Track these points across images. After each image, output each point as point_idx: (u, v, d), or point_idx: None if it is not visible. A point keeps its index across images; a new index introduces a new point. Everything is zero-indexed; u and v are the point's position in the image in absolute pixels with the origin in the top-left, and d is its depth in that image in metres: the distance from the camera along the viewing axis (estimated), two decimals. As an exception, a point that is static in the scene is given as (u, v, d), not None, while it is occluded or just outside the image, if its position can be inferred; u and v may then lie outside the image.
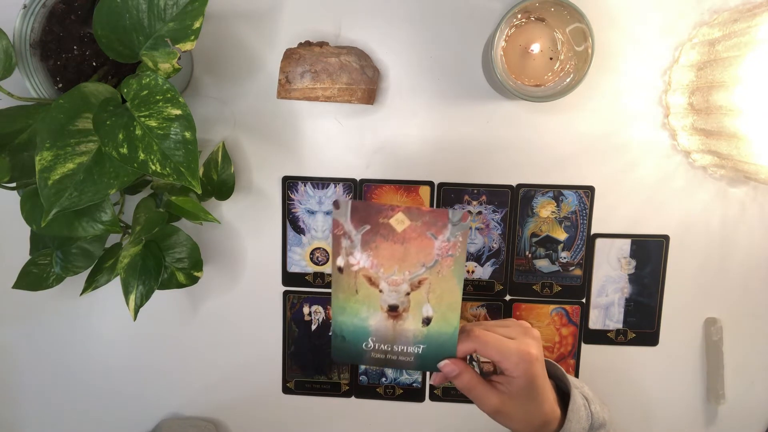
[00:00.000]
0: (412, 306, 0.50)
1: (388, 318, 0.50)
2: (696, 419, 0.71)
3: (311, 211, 0.69)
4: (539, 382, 0.50)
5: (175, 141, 0.48)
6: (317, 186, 0.68)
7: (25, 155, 0.53)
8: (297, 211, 0.69)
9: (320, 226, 0.69)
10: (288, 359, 0.72)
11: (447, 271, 0.48)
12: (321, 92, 0.59)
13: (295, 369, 0.72)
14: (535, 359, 0.50)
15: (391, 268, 0.49)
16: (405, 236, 0.48)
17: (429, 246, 0.48)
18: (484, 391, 0.50)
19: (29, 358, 0.74)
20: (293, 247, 0.70)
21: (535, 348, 0.50)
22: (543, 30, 0.59)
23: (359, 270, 0.49)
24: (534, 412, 0.51)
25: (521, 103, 0.66)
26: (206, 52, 0.66)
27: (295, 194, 0.69)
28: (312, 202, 0.69)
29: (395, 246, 0.48)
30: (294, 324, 0.71)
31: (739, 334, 0.69)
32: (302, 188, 0.68)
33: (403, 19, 0.65)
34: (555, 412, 0.52)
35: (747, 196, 0.67)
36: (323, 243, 0.70)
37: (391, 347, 0.51)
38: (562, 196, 0.68)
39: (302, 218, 0.69)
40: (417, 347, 0.51)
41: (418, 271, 0.49)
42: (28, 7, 0.55)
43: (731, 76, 0.53)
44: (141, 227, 0.58)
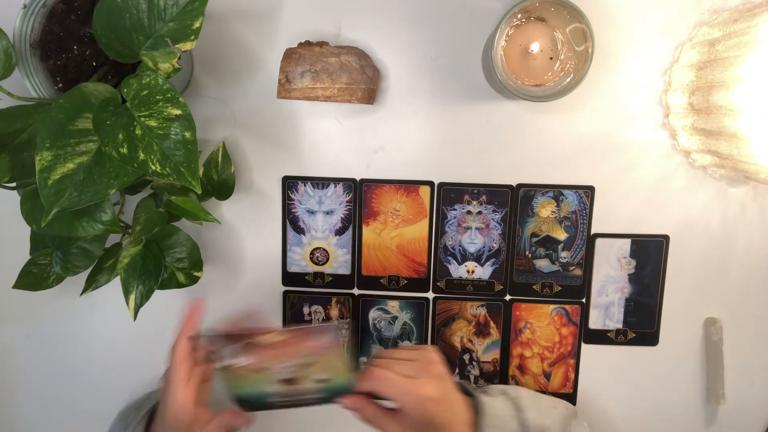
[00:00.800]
0: (305, 375, 0.54)
1: (285, 384, 0.54)
2: (696, 419, 0.71)
3: (311, 211, 0.69)
4: (437, 419, 0.52)
5: (175, 141, 0.48)
6: (317, 186, 0.68)
7: (25, 155, 0.53)
8: (297, 211, 0.69)
9: (320, 226, 0.69)
10: None
11: (333, 353, 0.53)
12: (321, 92, 0.59)
13: None
14: (428, 400, 0.52)
15: (278, 360, 0.52)
16: (286, 342, 0.52)
17: (313, 345, 0.52)
18: (386, 421, 0.53)
19: (29, 358, 0.74)
20: (293, 247, 0.70)
21: (429, 388, 0.52)
22: (543, 30, 0.59)
23: (246, 366, 0.52)
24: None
25: (521, 103, 0.66)
26: (206, 52, 0.66)
27: (295, 194, 0.68)
28: (312, 202, 0.68)
29: (277, 350, 0.52)
30: (294, 324, 0.71)
31: (739, 334, 0.69)
32: (302, 188, 0.68)
33: (403, 19, 0.65)
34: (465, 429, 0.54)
35: (747, 196, 0.67)
36: (323, 243, 0.69)
37: (293, 397, 0.56)
38: (562, 196, 0.68)
39: (302, 218, 0.69)
40: (318, 394, 0.56)
41: (306, 359, 0.53)
42: (28, 7, 0.55)
43: (731, 76, 0.53)
44: (141, 227, 0.58)
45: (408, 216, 0.69)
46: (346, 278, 0.70)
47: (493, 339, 0.71)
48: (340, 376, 0.54)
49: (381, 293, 0.71)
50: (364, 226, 0.69)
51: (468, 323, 0.70)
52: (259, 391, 0.54)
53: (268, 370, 0.53)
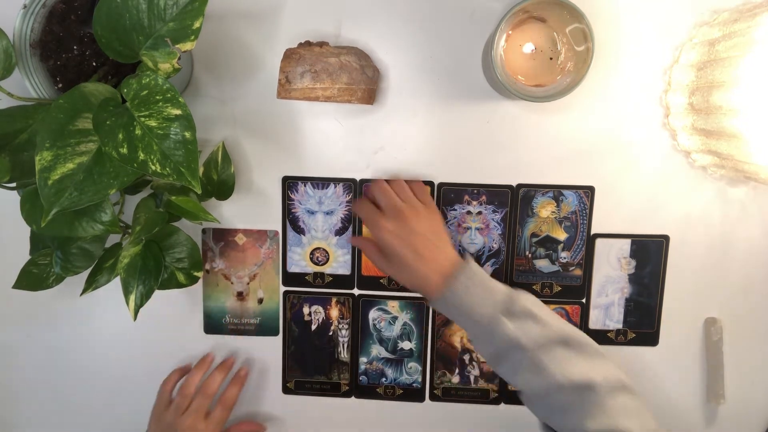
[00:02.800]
0: (250, 291, 0.71)
1: (237, 300, 0.72)
2: (696, 419, 0.71)
3: (311, 211, 0.69)
4: (391, 251, 0.60)
5: (175, 141, 0.47)
6: (317, 186, 0.68)
7: (25, 155, 0.53)
8: (297, 211, 0.69)
9: (320, 226, 0.69)
10: (288, 359, 0.72)
11: (270, 267, 0.71)
12: (321, 92, 0.59)
13: (295, 369, 0.72)
14: (382, 230, 0.61)
15: (237, 267, 0.71)
16: (244, 247, 0.71)
17: (258, 253, 0.71)
18: (368, 247, 0.64)
19: (29, 358, 0.74)
20: (293, 247, 0.70)
21: (388, 222, 0.61)
22: (543, 30, 0.59)
23: (218, 270, 0.71)
24: (399, 272, 0.61)
25: (521, 103, 0.66)
26: (206, 52, 0.66)
27: (295, 194, 0.68)
28: (312, 202, 0.68)
29: (239, 254, 0.71)
30: (294, 324, 0.71)
31: (739, 334, 0.69)
32: (302, 188, 0.68)
33: (403, 19, 0.65)
34: (433, 280, 0.59)
35: (747, 196, 0.67)
36: (323, 243, 0.70)
37: (240, 320, 0.72)
38: (562, 196, 0.68)
39: (302, 218, 0.69)
40: (255, 319, 0.72)
41: (252, 269, 0.71)
42: (28, 7, 0.55)
43: (731, 76, 0.53)
44: (141, 227, 0.58)
45: (408, 216, 0.69)
46: (346, 278, 0.70)
47: (493, 339, 0.71)
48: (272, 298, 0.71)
49: (381, 293, 0.71)
50: (364, 226, 0.69)
51: (468, 323, 0.70)
52: (220, 305, 0.72)
53: (230, 277, 0.71)
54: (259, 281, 0.71)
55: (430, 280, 0.59)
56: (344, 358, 0.72)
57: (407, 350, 0.71)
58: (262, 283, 0.71)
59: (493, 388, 0.71)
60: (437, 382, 0.72)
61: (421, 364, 0.71)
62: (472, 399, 0.72)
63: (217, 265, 0.71)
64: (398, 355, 0.71)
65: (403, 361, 0.72)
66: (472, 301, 0.57)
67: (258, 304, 0.72)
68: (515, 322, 0.56)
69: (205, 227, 0.71)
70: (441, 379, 0.72)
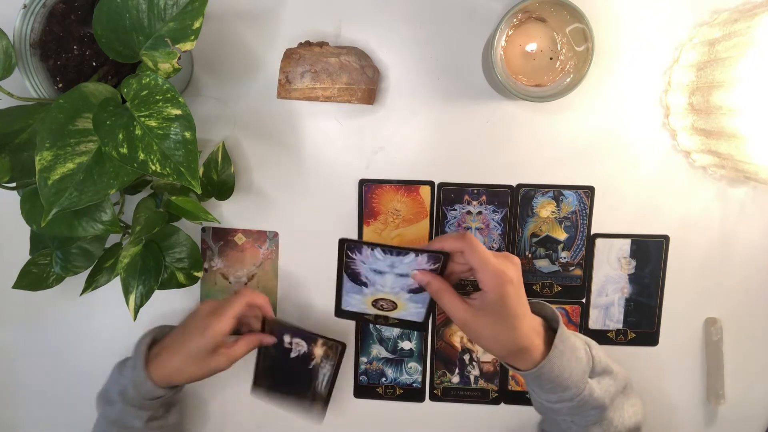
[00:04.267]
0: None
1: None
2: (696, 419, 0.71)
3: (379, 272, 0.56)
4: (509, 304, 0.51)
5: (175, 141, 0.47)
6: (390, 252, 0.54)
7: (25, 155, 0.53)
8: (359, 269, 0.56)
9: (389, 284, 0.57)
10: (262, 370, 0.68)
11: (269, 267, 0.70)
12: (321, 92, 0.59)
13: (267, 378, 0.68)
14: (509, 280, 0.51)
15: (235, 267, 0.71)
16: (243, 247, 0.70)
17: (257, 253, 0.70)
18: (454, 301, 0.53)
19: (29, 358, 0.74)
20: (350, 294, 0.59)
21: (511, 271, 0.52)
22: (543, 30, 0.59)
23: (217, 269, 0.71)
24: (503, 333, 0.52)
25: (521, 103, 0.66)
26: (206, 52, 0.66)
27: (357, 255, 0.55)
28: (381, 265, 0.55)
29: (238, 253, 0.70)
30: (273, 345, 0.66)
31: (739, 334, 0.69)
32: (367, 251, 0.54)
33: (403, 19, 0.65)
34: (533, 342, 0.53)
35: (747, 196, 0.67)
36: (390, 295, 0.58)
37: None
38: (562, 196, 0.68)
39: (365, 275, 0.57)
40: None
41: (251, 269, 0.71)
42: (28, 7, 0.55)
43: (731, 77, 0.53)
44: (141, 227, 0.58)
45: (408, 216, 0.69)
46: (415, 324, 0.63)
47: (493, 339, 0.71)
48: None
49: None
50: (364, 226, 0.69)
51: (468, 323, 0.70)
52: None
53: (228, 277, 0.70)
54: (257, 281, 0.71)
55: (533, 342, 0.52)
56: (320, 390, 0.67)
57: (407, 350, 0.71)
58: (260, 283, 0.71)
59: (493, 388, 0.71)
60: (437, 382, 0.72)
61: (421, 364, 0.71)
62: (472, 399, 0.72)
63: (216, 264, 0.71)
64: (398, 355, 0.71)
65: (403, 361, 0.72)
66: (571, 367, 0.53)
67: None
68: (599, 382, 0.56)
69: (204, 226, 0.71)
70: (441, 379, 0.72)
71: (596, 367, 0.56)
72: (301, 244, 0.70)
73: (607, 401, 0.54)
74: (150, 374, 0.60)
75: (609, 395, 0.55)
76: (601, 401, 0.54)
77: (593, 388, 0.54)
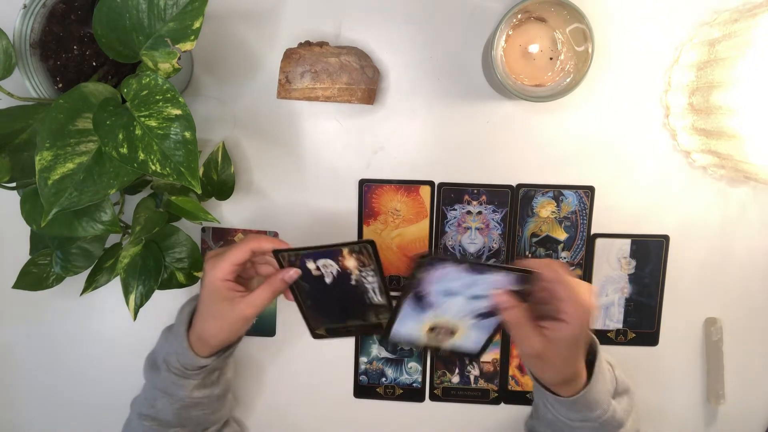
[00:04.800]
0: None
1: None
2: (696, 419, 0.71)
3: (451, 293, 0.52)
4: (586, 334, 0.51)
5: (175, 141, 0.47)
6: (475, 270, 0.50)
7: (25, 155, 0.53)
8: (429, 288, 0.52)
9: (456, 309, 0.53)
10: (310, 312, 0.61)
11: None
12: (321, 92, 0.59)
13: (321, 318, 0.61)
14: (592, 309, 0.50)
15: None
16: None
17: None
18: (531, 331, 0.50)
19: (29, 358, 0.74)
20: (407, 320, 0.55)
21: (595, 302, 0.51)
22: (543, 30, 0.59)
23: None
24: (571, 362, 0.51)
25: (521, 103, 0.66)
26: (206, 52, 0.66)
27: (434, 271, 0.50)
28: (457, 285, 0.51)
29: None
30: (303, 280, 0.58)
31: (739, 334, 0.69)
32: (447, 268, 0.49)
33: (403, 19, 0.65)
34: (584, 370, 0.53)
35: (747, 196, 0.67)
36: (452, 321, 0.54)
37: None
38: (562, 196, 0.68)
39: (434, 296, 0.52)
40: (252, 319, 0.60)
41: None
42: (28, 7, 0.55)
43: (731, 77, 0.53)
44: (141, 227, 0.58)
45: (408, 216, 0.69)
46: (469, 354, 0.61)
47: (493, 339, 0.71)
48: None
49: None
50: (364, 226, 0.69)
51: (468, 323, 0.70)
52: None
53: None
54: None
55: (582, 372, 0.52)
56: (378, 301, 0.58)
57: (407, 350, 0.71)
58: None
59: (493, 388, 0.71)
60: (437, 382, 0.72)
61: (421, 363, 0.71)
62: (472, 399, 0.72)
63: None
64: (398, 355, 0.71)
65: (403, 361, 0.72)
66: (604, 391, 0.54)
67: None
68: (620, 402, 0.57)
69: (204, 226, 0.71)
70: (441, 379, 0.72)
71: (618, 388, 0.57)
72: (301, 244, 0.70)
73: (624, 420, 0.56)
74: (191, 344, 0.57)
75: (627, 414, 0.56)
76: (620, 421, 0.55)
77: (616, 408, 0.55)
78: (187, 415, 0.61)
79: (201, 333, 0.57)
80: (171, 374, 0.59)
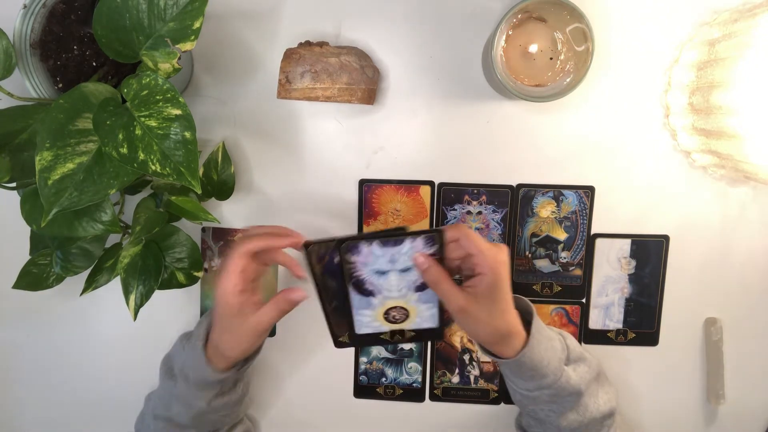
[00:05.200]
0: None
1: None
2: (696, 419, 0.71)
3: (381, 272, 0.55)
4: (503, 286, 0.53)
5: (175, 141, 0.48)
6: (387, 244, 0.53)
7: (25, 155, 0.53)
8: (361, 274, 0.55)
9: (395, 286, 0.56)
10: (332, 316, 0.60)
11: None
12: (321, 92, 0.59)
13: (344, 323, 0.60)
14: (503, 262, 0.53)
15: None
16: None
17: None
18: (451, 287, 0.53)
19: (29, 357, 0.74)
20: (361, 311, 0.58)
21: (504, 254, 0.54)
22: (543, 30, 0.59)
23: (217, 269, 0.70)
24: (497, 316, 0.53)
25: (521, 103, 0.66)
26: (206, 52, 0.66)
27: (357, 256, 0.54)
28: (382, 262, 0.54)
29: None
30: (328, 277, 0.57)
31: (739, 334, 0.69)
32: (366, 248, 0.53)
33: (403, 19, 0.65)
34: (518, 327, 0.55)
35: (747, 196, 0.67)
36: (401, 301, 0.57)
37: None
38: (562, 196, 0.68)
39: (369, 280, 0.56)
40: None
41: None
42: (28, 7, 0.55)
43: (731, 76, 0.53)
44: (141, 227, 0.58)
45: (408, 216, 0.69)
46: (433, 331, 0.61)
47: (493, 339, 0.71)
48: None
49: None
50: (365, 226, 0.69)
51: (468, 323, 0.70)
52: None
53: None
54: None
55: (518, 328, 0.55)
56: None
57: (407, 350, 0.71)
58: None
59: (493, 388, 0.71)
60: (437, 382, 0.72)
61: (421, 364, 0.71)
62: (472, 399, 0.72)
63: (216, 264, 0.71)
64: (398, 355, 0.71)
65: (403, 361, 0.72)
66: (549, 355, 0.56)
67: None
68: (575, 369, 0.58)
69: (204, 226, 0.71)
70: (441, 379, 0.72)
71: (571, 355, 0.59)
72: (301, 244, 0.70)
73: (583, 387, 0.57)
74: (209, 356, 0.57)
75: (585, 381, 0.58)
76: (577, 387, 0.57)
77: (569, 375, 0.57)
78: (203, 420, 0.61)
79: (218, 345, 0.56)
80: (188, 387, 0.58)
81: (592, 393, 0.58)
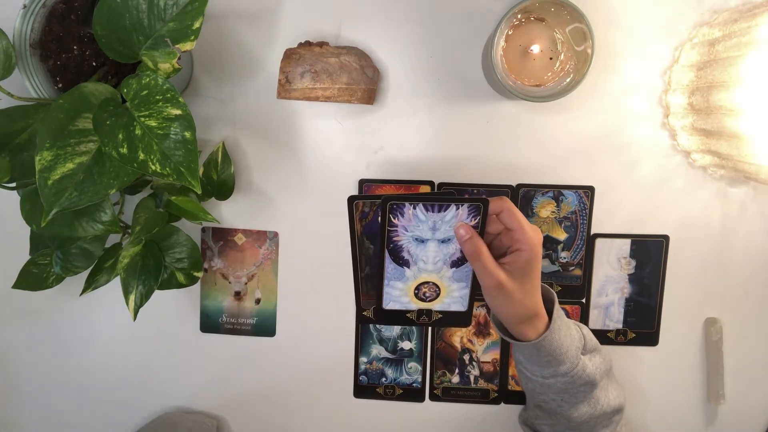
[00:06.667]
0: (248, 291, 0.70)
1: (234, 300, 0.71)
2: (696, 419, 0.71)
3: (421, 240, 0.54)
4: (538, 265, 0.53)
5: (175, 141, 0.48)
6: (432, 209, 0.53)
7: (25, 155, 0.53)
8: (401, 239, 0.54)
9: (431, 257, 0.55)
10: (362, 284, 0.61)
11: (269, 268, 0.70)
12: (321, 92, 0.59)
13: (372, 295, 0.61)
14: (540, 241, 0.53)
15: (235, 267, 0.71)
16: (243, 247, 0.70)
17: (257, 253, 0.70)
18: (490, 262, 0.52)
19: (29, 358, 0.74)
20: (393, 282, 0.57)
21: (540, 234, 0.53)
22: (543, 30, 0.59)
23: (217, 269, 0.71)
24: (530, 293, 0.53)
25: (521, 103, 0.66)
26: (206, 52, 0.66)
27: (400, 219, 0.53)
28: (424, 229, 0.54)
29: (237, 254, 0.70)
30: (367, 238, 0.59)
31: (739, 334, 0.69)
32: (410, 211, 0.53)
33: (403, 19, 0.65)
34: (543, 310, 0.55)
35: (747, 196, 0.67)
36: (434, 276, 0.56)
37: (237, 320, 0.71)
38: (562, 196, 0.68)
39: (407, 248, 0.55)
40: (252, 319, 0.71)
41: (251, 269, 0.70)
42: (28, 7, 0.55)
43: (731, 76, 0.53)
44: (141, 227, 0.58)
45: (408, 216, 0.69)
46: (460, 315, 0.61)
47: (492, 339, 0.71)
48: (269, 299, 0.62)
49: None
50: (364, 226, 0.69)
51: (468, 323, 0.70)
52: (218, 304, 0.64)
53: (228, 277, 0.66)
54: (257, 281, 0.71)
55: (542, 310, 0.55)
56: None
57: (407, 350, 0.71)
58: (259, 283, 0.71)
59: (493, 388, 0.71)
60: (437, 382, 0.72)
61: (421, 364, 0.71)
62: (472, 399, 0.72)
63: (216, 264, 0.71)
64: (398, 355, 0.71)
65: (403, 361, 0.72)
66: (567, 342, 0.55)
67: (255, 304, 0.71)
68: (591, 359, 0.58)
69: (204, 226, 0.71)
70: (441, 379, 0.72)
71: (587, 345, 0.58)
72: (301, 244, 0.70)
73: (597, 378, 0.57)
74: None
75: (599, 372, 0.57)
76: (592, 377, 0.56)
77: (586, 363, 0.56)
78: None
79: None
80: None
81: (603, 387, 0.58)
